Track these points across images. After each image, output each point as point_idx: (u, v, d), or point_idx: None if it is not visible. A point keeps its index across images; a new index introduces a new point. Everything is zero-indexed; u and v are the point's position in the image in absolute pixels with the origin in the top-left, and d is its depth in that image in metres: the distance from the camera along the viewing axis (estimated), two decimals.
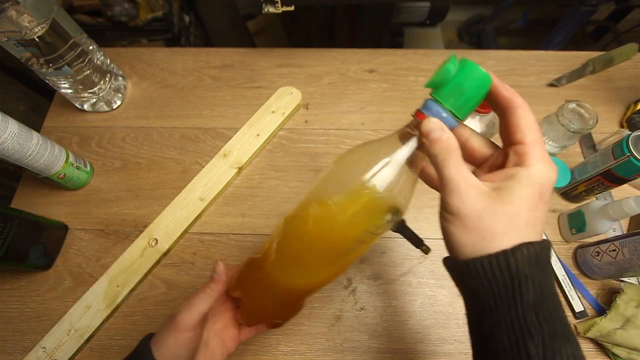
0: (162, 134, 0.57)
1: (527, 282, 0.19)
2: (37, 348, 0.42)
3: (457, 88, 0.22)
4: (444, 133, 0.22)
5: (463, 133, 0.26)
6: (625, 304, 0.42)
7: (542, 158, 0.22)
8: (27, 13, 0.42)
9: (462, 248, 0.22)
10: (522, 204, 0.21)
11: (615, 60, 0.60)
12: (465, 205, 0.21)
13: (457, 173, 0.22)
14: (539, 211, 0.21)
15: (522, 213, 0.21)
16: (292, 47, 0.64)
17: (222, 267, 0.34)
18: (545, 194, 0.21)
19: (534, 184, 0.21)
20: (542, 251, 0.20)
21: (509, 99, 0.23)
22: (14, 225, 0.41)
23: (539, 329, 0.19)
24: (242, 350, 0.43)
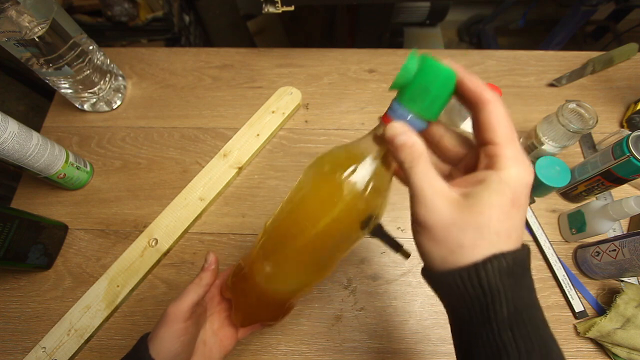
0: (162, 134, 0.57)
1: (500, 297, 0.18)
2: (37, 348, 0.42)
3: (420, 88, 0.21)
4: (408, 138, 0.21)
5: (436, 132, 0.24)
6: (625, 304, 0.42)
7: (515, 159, 0.19)
8: (27, 13, 0.42)
9: (432, 261, 0.20)
10: (492, 213, 0.19)
11: (615, 60, 0.60)
12: (431, 217, 0.20)
13: (423, 180, 0.20)
14: (512, 220, 0.19)
15: (491, 224, 0.19)
16: (292, 47, 0.64)
17: (213, 257, 0.34)
18: (519, 200, 0.19)
19: (505, 191, 0.19)
20: (515, 262, 0.19)
21: (477, 93, 0.20)
22: (14, 225, 0.41)
23: (515, 347, 0.18)
24: (242, 350, 0.43)
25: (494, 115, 0.20)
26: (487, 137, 0.20)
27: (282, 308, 0.34)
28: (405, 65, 0.21)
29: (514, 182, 0.19)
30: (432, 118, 0.22)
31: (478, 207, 0.19)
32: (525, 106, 0.58)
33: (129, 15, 0.98)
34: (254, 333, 0.44)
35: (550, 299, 0.45)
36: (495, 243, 0.19)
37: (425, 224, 0.20)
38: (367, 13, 0.85)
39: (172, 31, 1.03)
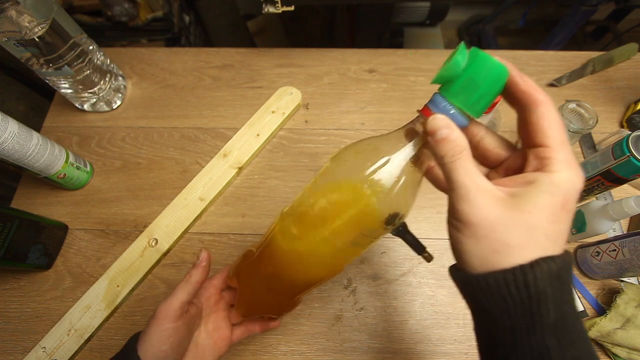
0: (162, 134, 0.57)
1: (548, 302, 0.17)
2: (37, 348, 0.42)
3: (468, 83, 0.20)
4: (451, 132, 0.20)
5: (477, 132, 0.23)
6: (625, 304, 0.42)
7: (567, 163, 0.19)
8: (27, 13, 0.42)
9: (471, 260, 0.19)
10: (542, 214, 0.18)
11: (615, 60, 0.60)
12: (475, 213, 0.19)
13: (467, 176, 0.19)
14: (561, 223, 0.18)
15: (542, 224, 0.18)
16: (292, 47, 0.64)
17: (205, 254, 0.34)
18: (568, 203, 0.18)
19: (556, 193, 0.18)
20: (563, 266, 0.18)
21: (529, 94, 0.20)
22: (14, 225, 0.41)
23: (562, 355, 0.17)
24: (242, 350, 0.43)
25: (547, 118, 0.19)
26: (539, 140, 0.20)
27: (288, 302, 0.33)
28: (454, 58, 0.20)
29: (566, 186, 0.18)
30: (476, 115, 0.21)
31: (528, 207, 0.18)
32: None
33: (129, 15, 0.98)
34: None
35: None
36: (544, 245, 0.18)
37: (468, 220, 0.19)
38: (367, 13, 0.85)
39: (172, 31, 1.03)
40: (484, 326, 0.21)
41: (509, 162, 0.23)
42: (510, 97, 0.21)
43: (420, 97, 0.59)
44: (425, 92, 0.59)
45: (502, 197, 0.19)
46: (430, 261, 0.28)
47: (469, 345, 0.43)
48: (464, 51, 0.20)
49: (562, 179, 0.18)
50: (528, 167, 0.20)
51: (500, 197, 0.19)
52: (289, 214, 0.28)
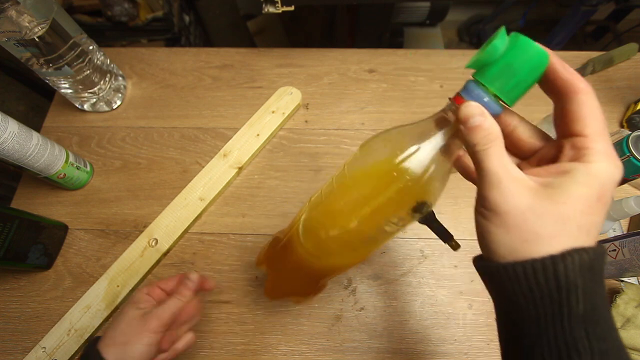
0: (162, 134, 0.57)
1: (578, 293, 0.17)
2: (37, 348, 0.42)
3: (506, 68, 0.19)
4: (485, 120, 0.19)
5: (510, 121, 0.22)
6: (625, 304, 0.42)
7: (606, 154, 0.18)
8: (27, 13, 0.42)
9: (499, 249, 0.19)
10: (577, 205, 0.18)
11: (615, 60, 0.60)
12: (506, 202, 0.18)
13: (499, 165, 0.19)
14: (595, 215, 0.18)
15: (575, 216, 0.17)
16: (292, 47, 0.64)
17: (197, 277, 0.36)
18: (605, 196, 0.18)
19: (592, 184, 0.18)
20: (596, 258, 0.17)
21: (570, 81, 0.19)
22: (14, 225, 0.41)
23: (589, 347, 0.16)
24: (242, 350, 0.43)
25: (587, 106, 0.19)
26: (577, 129, 0.19)
27: (315, 285, 0.33)
28: (494, 42, 0.19)
29: (603, 177, 0.18)
30: (510, 103, 0.20)
31: (562, 198, 0.18)
32: (525, 106, 0.58)
33: (129, 15, 0.98)
34: (254, 333, 0.44)
35: None
36: (576, 236, 0.18)
37: (498, 209, 0.19)
38: (367, 13, 0.85)
39: (172, 31, 1.03)
40: (509, 316, 0.20)
41: (542, 153, 0.22)
42: (549, 84, 0.20)
43: (420, 97, 0.59)
44: (425, 92, 0.59)
45: (535, 187, 0.19)
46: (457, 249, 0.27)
47: (469, 345, 0.43)
48: (504, 36, 0.19)
49: (600, 170, 0.18)
50: (564, 157, 0.20)
51: (532, 187, 0.19)
52: (317, 202, 0.28)
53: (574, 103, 0.19)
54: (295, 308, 0.45)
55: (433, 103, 0.58)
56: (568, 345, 0.17)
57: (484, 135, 0.19)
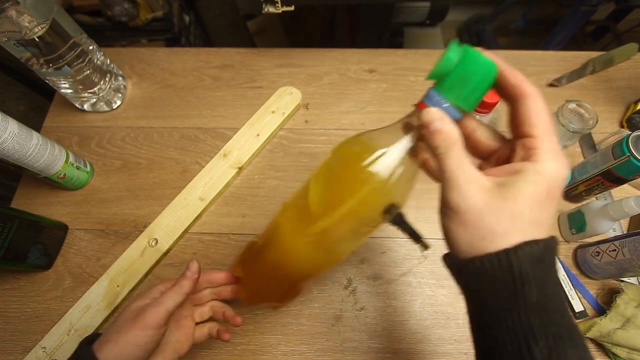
0: (162, 134, 0.57)
1: (531, 283, 0.18)
2: (37, 348, 0.42)
3: (460, 78, 0.21)
4: (444, 124, 0.21)
5: (469, 124, 0.24)
6: (625, 304, 0.42)
7: (553, 152, 0.20)
8: (27, 13, 0.42)
9: (460, 246, 0.21)
10: (527, 202, 0.19)
11: (615, 60, 0.60)
12: (464, 201, 0.20)
13: (458, 166, 0.21)
14: (545, 210, 0.19)
15: (525, 212, 0.19)
16: (292, 47, 0.64)
17: (196, 266, 0.34)
18: (553, 192, 0.19)
19: (541, 182, 0.19)
20: (546, 249, 0.19)
21: (517, 87, 0.21)
22: (14, 225, 0.41)
23: (544, 332, 0.18)
24: (242, 350, 0.43)
25: (534, 109, 0.20)
26: (526, 130, 0.20)
27: (291, 290, 0.34)
28: (446, 55, 0.21)
29: (551, 174, 0.19)
30: (468, 109, 0.22)
31: (513, 195, 0.19)
32: None
33: (129, 15, 0.98)
34: (254, 333, 0.44)
35: None
36: (527, 231, 0.19)
37: (458, 209, 0.20)
38: (367, 13, 0.85)
39: (172, 31, 1.02)
40: (474, 306, 0.22)
41: (499, 153, 0.24)
42: (502, 90, 0.22)
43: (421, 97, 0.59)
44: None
45: (490, 187, 0.20)
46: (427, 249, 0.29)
47: (469, 345, 0.43)
48: (455, 48, 0.21)
49: (547, 168, 0.19)
50: (516, 157, 0.21)
51: (487, 186, 0.20)
52: (291, 205, 0.29)
53: (522, 106, 0.21)
54: (295, 308, 0.45)
55: None
56: (525, 332, 0.18)
57: (444, 139, 0.21)
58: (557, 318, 0.18)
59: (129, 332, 0.29)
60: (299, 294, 0.36)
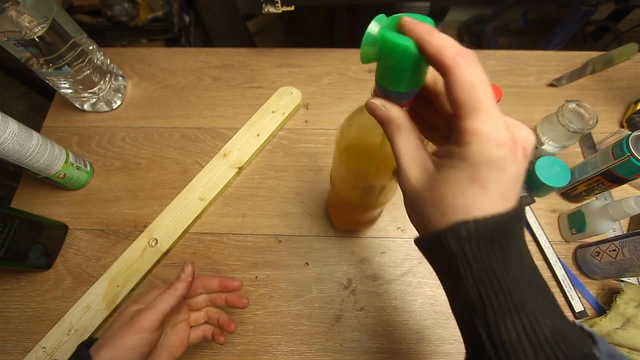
0: (162, 134, 0.57)
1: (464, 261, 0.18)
2: (37, 348, 0.42)
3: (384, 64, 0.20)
4: (384, 112, 0.21)
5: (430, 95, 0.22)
6: (625, 304, 0.42)
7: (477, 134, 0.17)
8: (27, 13, 0.42)
9: (414, 226, 0.22)
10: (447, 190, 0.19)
11: (615, 60, 0.60)
12: (406, 186, 0.21)
13: (402, 152, 0.21)
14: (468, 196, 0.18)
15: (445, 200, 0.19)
16: (292, 47, 0.64)
17: (191, 269, 0.34)
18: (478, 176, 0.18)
19: (463, 167, 0.18)
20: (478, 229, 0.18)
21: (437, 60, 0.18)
22: (14, 225, 0.41)
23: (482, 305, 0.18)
24: (242, 350, 0.43)
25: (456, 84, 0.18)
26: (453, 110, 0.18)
27: (363, 218, 0.45)
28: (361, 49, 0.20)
29: (474, 160, 0.18)
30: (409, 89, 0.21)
31: (437, 183, 0.19)
32: (525, 106, 0.58)
33: (129, 15, 0.98)
34: (254, 333, 0.44)
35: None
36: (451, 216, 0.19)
37: (404, 192, 0.21)
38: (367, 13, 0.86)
39: (172, 31, 1.02)
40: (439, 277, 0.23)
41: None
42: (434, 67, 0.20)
43: None
44: None
45: (429, 171, 0.20)
46: None
47: None
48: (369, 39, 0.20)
49: (471, 153, 0.18)
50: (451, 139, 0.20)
51: (427, 171, 0.20)
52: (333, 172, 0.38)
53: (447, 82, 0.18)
54: (295, 308, 0.45)
55: None
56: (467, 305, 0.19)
57: (388, 126, 0.21)
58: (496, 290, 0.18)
59: (125, 335, 0.29)
60: (375, 222, 0.48)
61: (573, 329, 0.19)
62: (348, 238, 0.49)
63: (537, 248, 0.48)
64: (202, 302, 0.38)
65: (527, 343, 0.17)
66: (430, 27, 0.18)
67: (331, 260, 0.48)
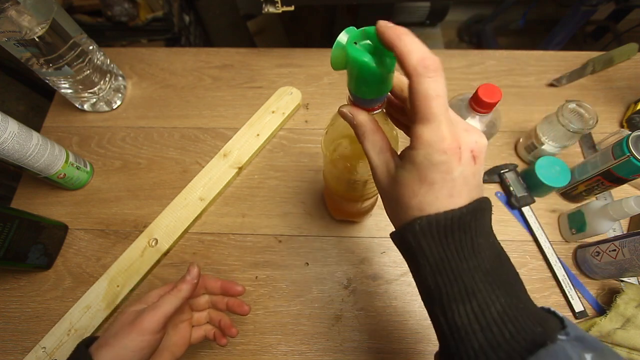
0: (162, 134, 0.57)
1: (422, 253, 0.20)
2: (37, 348, 0.42)
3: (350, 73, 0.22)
4: (352, 119, 0.24)
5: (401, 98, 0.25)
6: (625, 304, 0.42)
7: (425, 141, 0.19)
8: (27, 13, 0.42)
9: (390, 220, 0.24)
10: (401, 191, 0.21)
11: (615, 60, 0.60)
12: (376, 184, 0.24)
13: (371, 156, 0.23)
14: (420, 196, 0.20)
15: (401, 200, 0.21)
16: (292, 47, 0.64)
17: (196, 271, 0.34)
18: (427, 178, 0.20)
19: (412, 170, 0.20)
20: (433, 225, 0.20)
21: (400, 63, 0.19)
22: (14, 225, 0.41)
23: (439, 292, 0.20)
24: (242, 350, 0.43)
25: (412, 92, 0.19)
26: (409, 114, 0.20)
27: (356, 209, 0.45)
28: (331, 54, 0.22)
29: (420, 163, 0.20)
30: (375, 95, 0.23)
31: (395, 184, 0.22)
32: (525, 106, 0.58)
33: (129, 15, 0.98)
34: (254, 333, 0.44)
35: (550, 298, 0.45)
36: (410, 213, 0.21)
37: (377, 189, 0.24)
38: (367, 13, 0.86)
39: (172, 31, 1.02)
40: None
41: None
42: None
43: None
44: None
45: (392, 171, 0.22)
46: None
47: None
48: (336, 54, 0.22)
49: (418, 157, 0.20)
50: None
51: (391, 171, 0.22)
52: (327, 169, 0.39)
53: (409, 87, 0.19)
54: (295, 308, 0.45)
55: None
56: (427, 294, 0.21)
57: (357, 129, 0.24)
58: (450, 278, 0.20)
59: (126, 336, 0.29)
60: (368, 213, 0.49)
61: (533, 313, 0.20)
62: (348, 238, 0.49)
63: (537, 248, 0.48)
64: (204, 303, 0.38)
65: (476, 325, 0.19)
66: (402, 30, 0.19)
67: (331, 260, 0.48)
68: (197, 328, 0.38)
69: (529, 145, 0.52)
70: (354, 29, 0.21)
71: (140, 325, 0.29)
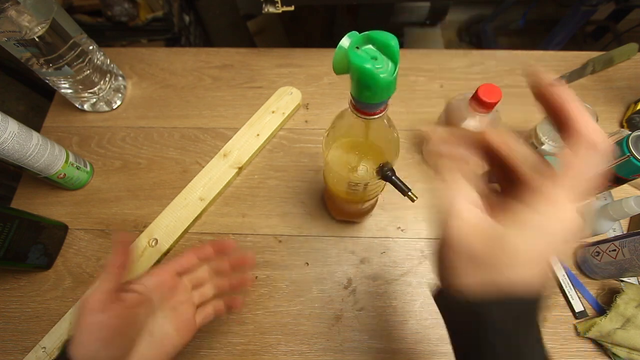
0: (162, 134, 0.57)
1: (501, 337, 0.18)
2: (37, 348, 0.42)
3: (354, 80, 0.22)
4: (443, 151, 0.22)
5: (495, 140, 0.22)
6: (625, 304, 0.42)
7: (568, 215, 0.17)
8: (27, 13, 0.42)
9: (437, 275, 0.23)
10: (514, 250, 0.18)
11: (615, 60, 0.60)
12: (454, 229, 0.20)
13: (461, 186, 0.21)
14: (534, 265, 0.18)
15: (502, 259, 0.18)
16: (292, 47, 0.64)
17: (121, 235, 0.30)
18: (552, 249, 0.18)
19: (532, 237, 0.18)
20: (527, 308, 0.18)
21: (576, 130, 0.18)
22: (14, 225, 0.41)
23: None
24: (241, 350, 0.43)
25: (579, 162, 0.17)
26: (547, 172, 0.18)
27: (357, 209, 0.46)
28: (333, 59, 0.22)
29: (555, 232, 0.17)
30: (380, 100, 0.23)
31: (498, 239, 0.18)
32: (525, 106, 0.58)
33: (129, 15, 0.98)
34: (254, 333, 0.44)
35: (550, 299, 0.45)
36: (497, 279, 0.18)
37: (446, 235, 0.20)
38: (367, 13, 0.86)
39: (172, 31, 1.03)
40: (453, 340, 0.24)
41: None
42: (550, 113, 0.21)
43: (421, 97, 0.59)
44: (426, 92, 0.59)
45: (488, 221, 0.19)
46: (414, 201, 0.33)
47: None
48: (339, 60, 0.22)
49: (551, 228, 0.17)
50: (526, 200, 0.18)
51: (487, 221, 0.19)
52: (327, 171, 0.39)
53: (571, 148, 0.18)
54: (295, 308, 0.45)
55: (433, 103, 0.58)
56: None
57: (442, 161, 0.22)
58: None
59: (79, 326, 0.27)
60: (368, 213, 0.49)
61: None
62: (348, 238, 0.49)
63: None
64: (204, 276, 0.35)
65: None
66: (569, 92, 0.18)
67: (331, 260, 0.48)
68: (203, 308, 0.35)
69: (529, 146, 0.52)
70: (356, 34, 0.22)
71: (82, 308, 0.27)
